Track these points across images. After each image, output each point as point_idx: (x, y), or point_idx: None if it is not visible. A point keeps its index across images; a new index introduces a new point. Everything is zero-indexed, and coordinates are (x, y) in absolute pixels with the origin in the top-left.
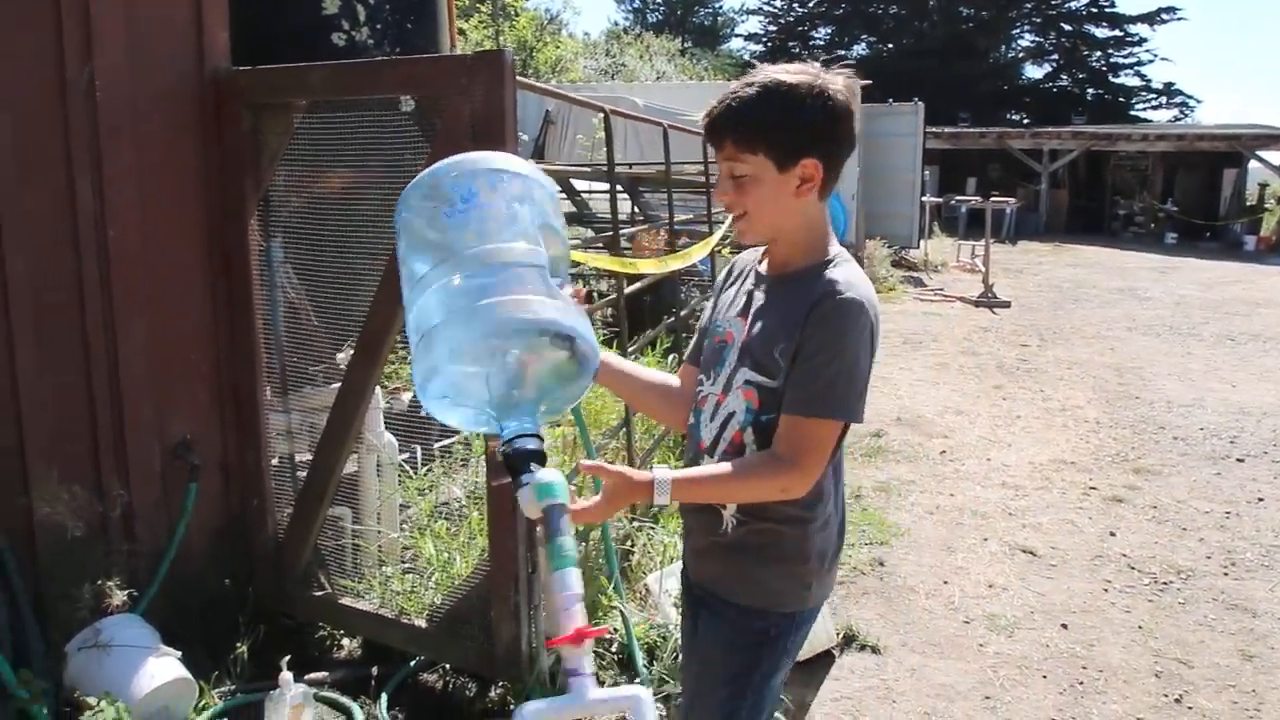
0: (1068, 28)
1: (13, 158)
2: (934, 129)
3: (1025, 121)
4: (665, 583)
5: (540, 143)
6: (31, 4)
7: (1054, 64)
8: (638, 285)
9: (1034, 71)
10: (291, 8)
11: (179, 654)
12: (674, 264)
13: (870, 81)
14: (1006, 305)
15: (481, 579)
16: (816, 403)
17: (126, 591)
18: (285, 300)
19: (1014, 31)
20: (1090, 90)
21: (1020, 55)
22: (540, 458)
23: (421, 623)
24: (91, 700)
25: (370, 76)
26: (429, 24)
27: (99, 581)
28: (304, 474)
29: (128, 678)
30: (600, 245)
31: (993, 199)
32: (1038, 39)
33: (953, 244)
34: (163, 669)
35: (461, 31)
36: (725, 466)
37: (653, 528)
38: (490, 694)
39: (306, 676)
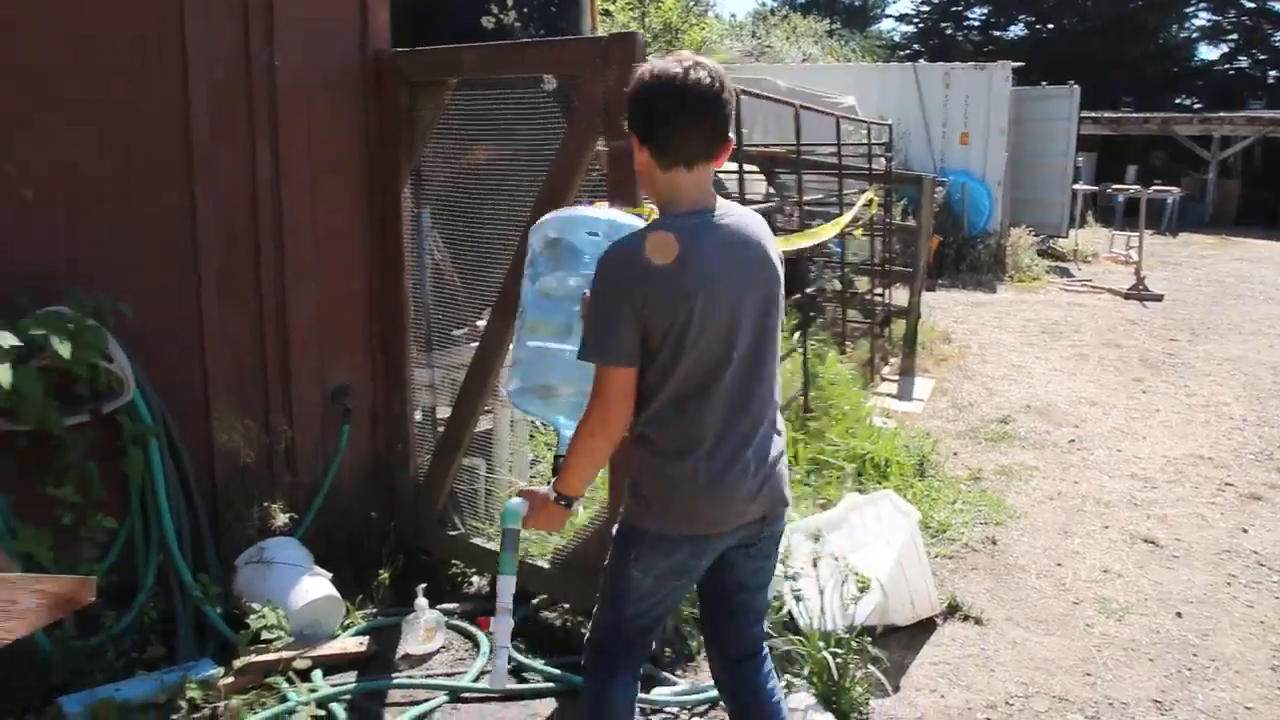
0: (1249, 5)
1: (206, 122)
2: (1092, 114)
3: (1195, 106)
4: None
5: None
6: None
7: (1231, 44)
8: None
9: (1208, 53)
10: None
11: (330, 575)
12: (800, 242)
13: (1024, 64)
14: (1158, 299)
15: (599, 526)
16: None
17: (289, 516)
18: (432, 264)
19: (1187, 10)
20: (1272, 73)
21: (1194, 35)
22: None
23: (544, 564)
24: (255, 607)
25: (517, 57)
26: (572, 7)
27: (265, 504)
28: (444, 425)
29: (286, 592)
30: None
31: (1154, 188)
32: (1215, 17)
33: (1106, 234)
34: (316, 586)
35: (607, 13)
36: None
37: None
38: None
39: (439, 606)
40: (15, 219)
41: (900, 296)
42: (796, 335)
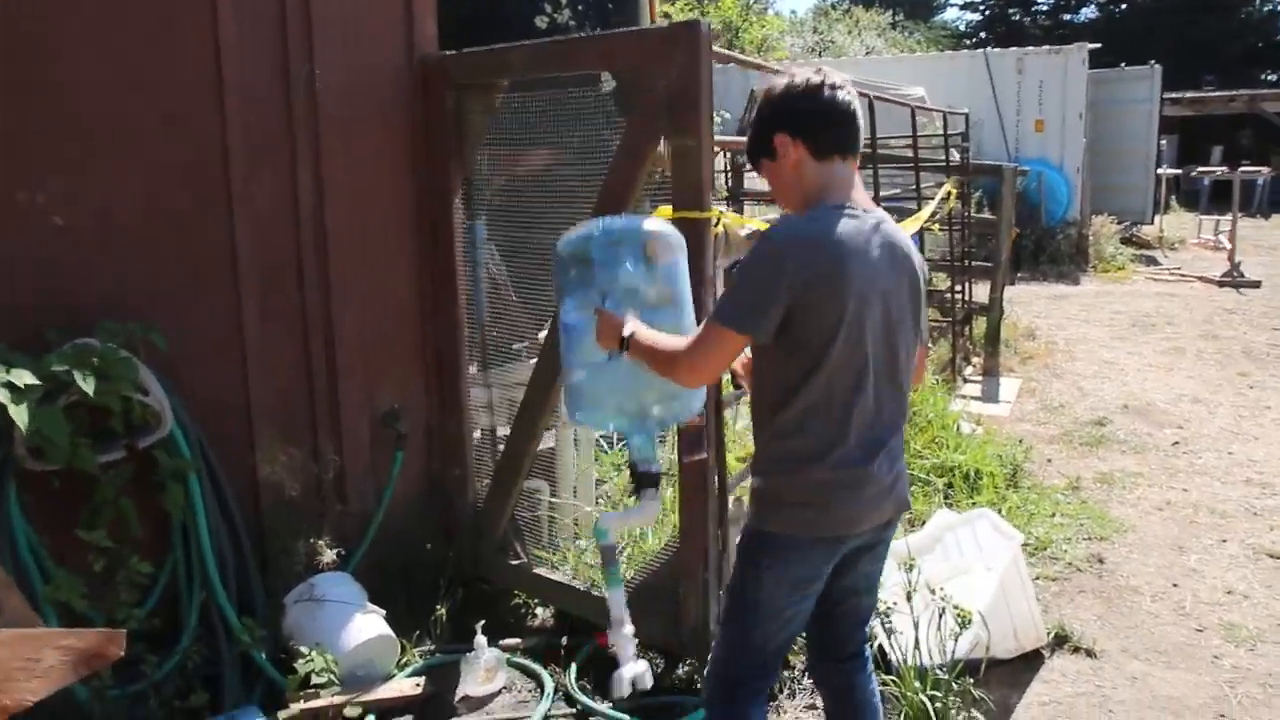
0: None
1: (243, 140)
2: (1173, 94)
3: None
4: None
5: (745, 121)
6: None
7: None
8: None
9: None
10: None
11: (384, 612)
12: None
13: (1099, 45)
14: (1256, 285)
15: (672, 555)
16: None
17: (336, 550)
18: (488, 277)
19: None
20: None
21: (1277, 8)
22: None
23: None
24: (304, 649)
25: (570, 53)
26: (630, 5)
27: (312, 539)
28: (503, 446)
29: (337, 632)
30: None
31: (1242, 169)
32: None
33: (1193, 219)
34: (369, 626)
35: (665, 15)
36: (662, 339)
37: None
38: (678, 671)
39: (500, 641)
40: (47, 249)
41: (980, 293)
42: None
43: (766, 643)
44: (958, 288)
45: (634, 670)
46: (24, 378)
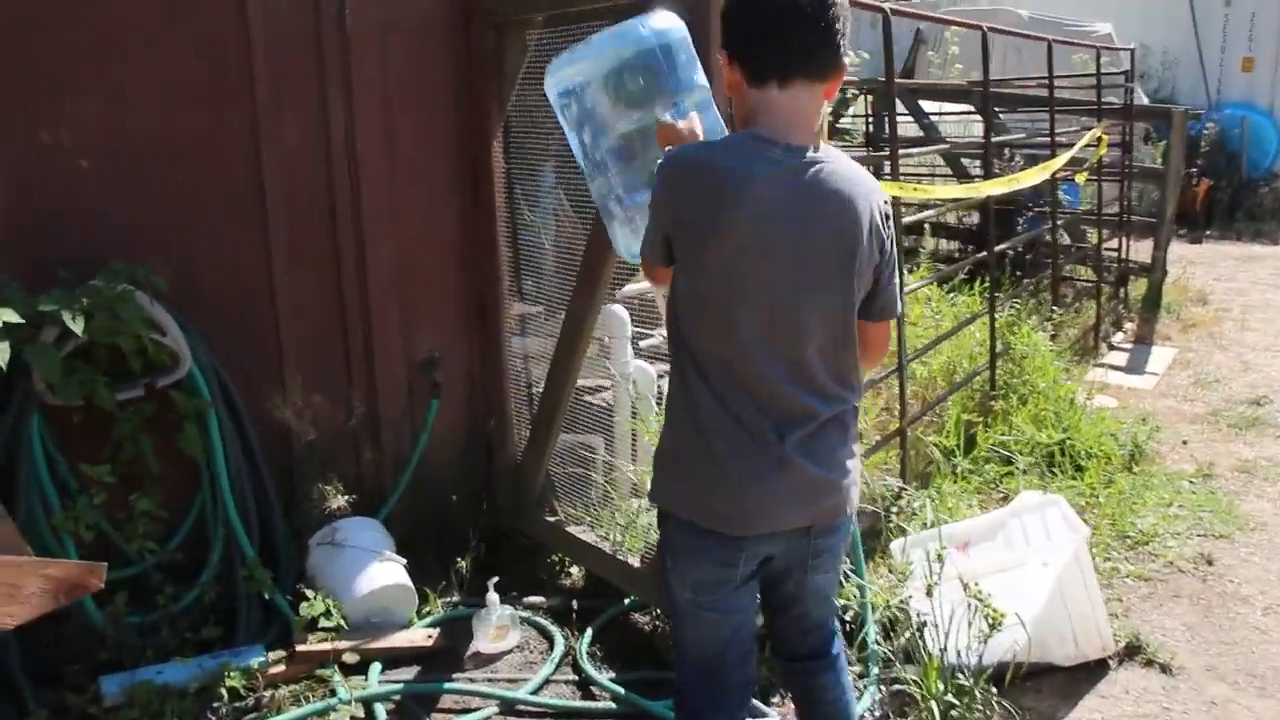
0: None
1: (270, 79)
2: None
3: None
4: (911, 551)
5: (909, 64)
6: None
7: None
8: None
9: None
10: None
11: (404, 561)
12: (990, 189)
13: None
14: None
15: None
16: None
17: (368, 495)
18: (554, 225)
19: None
20: None
21: None
22: None
23: (635, 561)
24: (308, 593)
25: None
26: None
27: (342, 483)
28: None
29: (352, 577)
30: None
31: None
32: None
33: None
34: (384, 573)
35: None
36: None
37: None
38: None
39: (526, 599)
40: (70, 189)
41: (1144, 251)
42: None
43: (697, 649)
44: (1111, 245)
45: None
46: (6, 315)
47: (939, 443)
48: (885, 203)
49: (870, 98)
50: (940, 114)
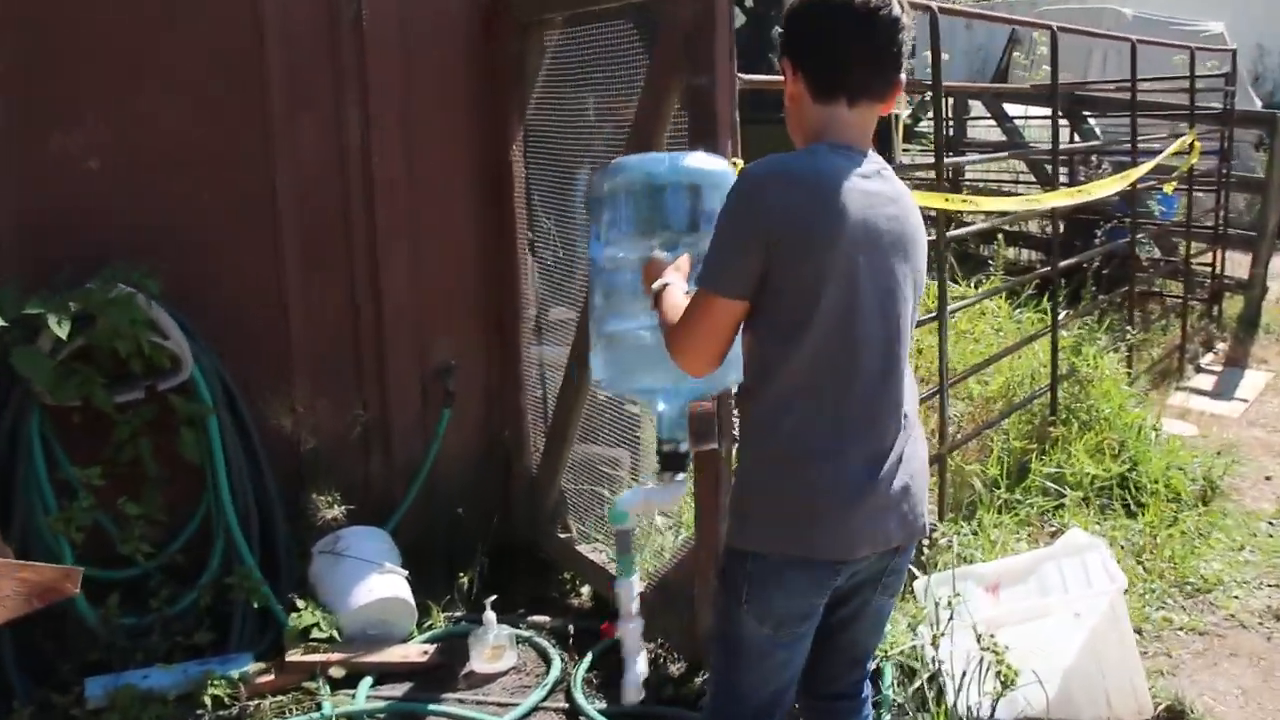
0: None
1: (286, 86)
2: None
3: None
4: (936, 591)
5: (1003, 65)
6: None
7: None
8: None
9: None
10: None
11: (406, 573)
12: (1053, 200)
13: None
14: None
15: (689, 552)
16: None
17: (377, 504)
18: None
19: None
20: None
21: None
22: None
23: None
24: (300, 602)
25: None
26: None
27: (351, 491)
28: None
29: (349, 588)
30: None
31: None
32: None
33: None
34: (382, 586)
35: None
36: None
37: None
38: (697, 678)
39: (531, 617)
40: (79, 191)
41: (1243, 266)
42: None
43: (757, 690)
44: (1204, 260)
45: (639, 671)
46: None
47: (982, 471)
48: None
49: (951, 100)
50: (1025, 118)
